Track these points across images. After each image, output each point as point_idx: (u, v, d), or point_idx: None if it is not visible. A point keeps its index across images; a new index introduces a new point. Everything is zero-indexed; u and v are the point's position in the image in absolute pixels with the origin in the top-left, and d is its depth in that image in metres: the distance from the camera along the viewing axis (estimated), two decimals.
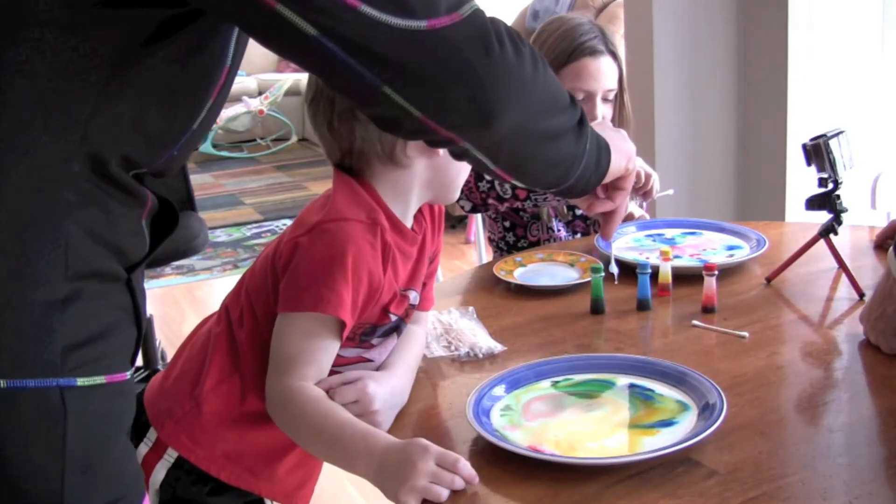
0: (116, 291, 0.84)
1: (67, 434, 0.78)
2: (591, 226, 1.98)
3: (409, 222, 1.22)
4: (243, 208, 5.57)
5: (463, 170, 1.22)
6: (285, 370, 1.08)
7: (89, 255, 0.80)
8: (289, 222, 5.06)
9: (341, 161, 1.19)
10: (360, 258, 1.10)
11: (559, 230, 1.96)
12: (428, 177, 1.20)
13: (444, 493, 0.94)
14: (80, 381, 0.79)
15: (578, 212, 1.95)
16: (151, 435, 1.17)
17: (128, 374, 0.85)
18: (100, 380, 0.80)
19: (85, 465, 0.79)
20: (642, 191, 1.74)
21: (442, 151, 1.15)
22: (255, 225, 5.15)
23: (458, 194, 1.26)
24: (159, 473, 1.16)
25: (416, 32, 0.77)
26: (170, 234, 0.93)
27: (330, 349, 1.11)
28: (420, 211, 1.25)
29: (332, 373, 1.15)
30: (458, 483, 0.95)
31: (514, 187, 1.83)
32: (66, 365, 0.78)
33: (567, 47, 1.82)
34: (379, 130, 1.16)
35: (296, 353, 1.09)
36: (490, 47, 0.81)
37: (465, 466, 0.96)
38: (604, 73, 1.83)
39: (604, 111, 1.85)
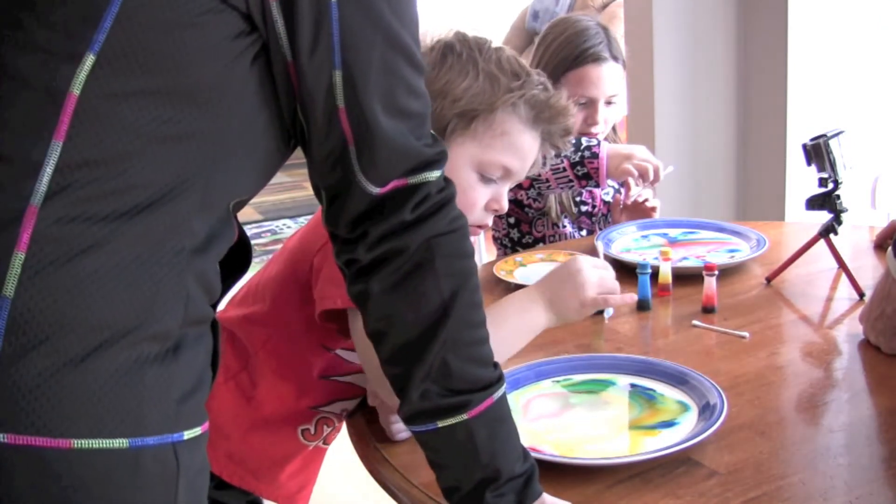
0: (206, 333, 0.79)
1: (179, 493, 0.73)
2: (596, 223, 1.98)
3: None
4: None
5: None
6: None
7: (200, 300, 0.76)
8: (289, 222, 5.07)
9: None
10: None
11: (565, 226, 1.95)
12: None
13: (615, 297, 1.14)
14: (187, 434, 0.74)
15: (584, 208, 1.95)
16: None
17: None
18: (198, 430, 0.75)
19: None
20: (653, 182, 1.74)
21: None
22: (255, 225, 5.15)
23: None
24: None
25: None
26: (244, 271, 0.89)
27: None
28: None
29: (341, 384, 1.16)
30: (617, 287, 1.14)
31: None
32: (179, 418, 0.73)
33: (570, 54, 1.82)
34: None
35: None
36: None
37: (610, 270, 1.16)
38: (606, 80, 1.83)
39: (606, 115, 1.85)
